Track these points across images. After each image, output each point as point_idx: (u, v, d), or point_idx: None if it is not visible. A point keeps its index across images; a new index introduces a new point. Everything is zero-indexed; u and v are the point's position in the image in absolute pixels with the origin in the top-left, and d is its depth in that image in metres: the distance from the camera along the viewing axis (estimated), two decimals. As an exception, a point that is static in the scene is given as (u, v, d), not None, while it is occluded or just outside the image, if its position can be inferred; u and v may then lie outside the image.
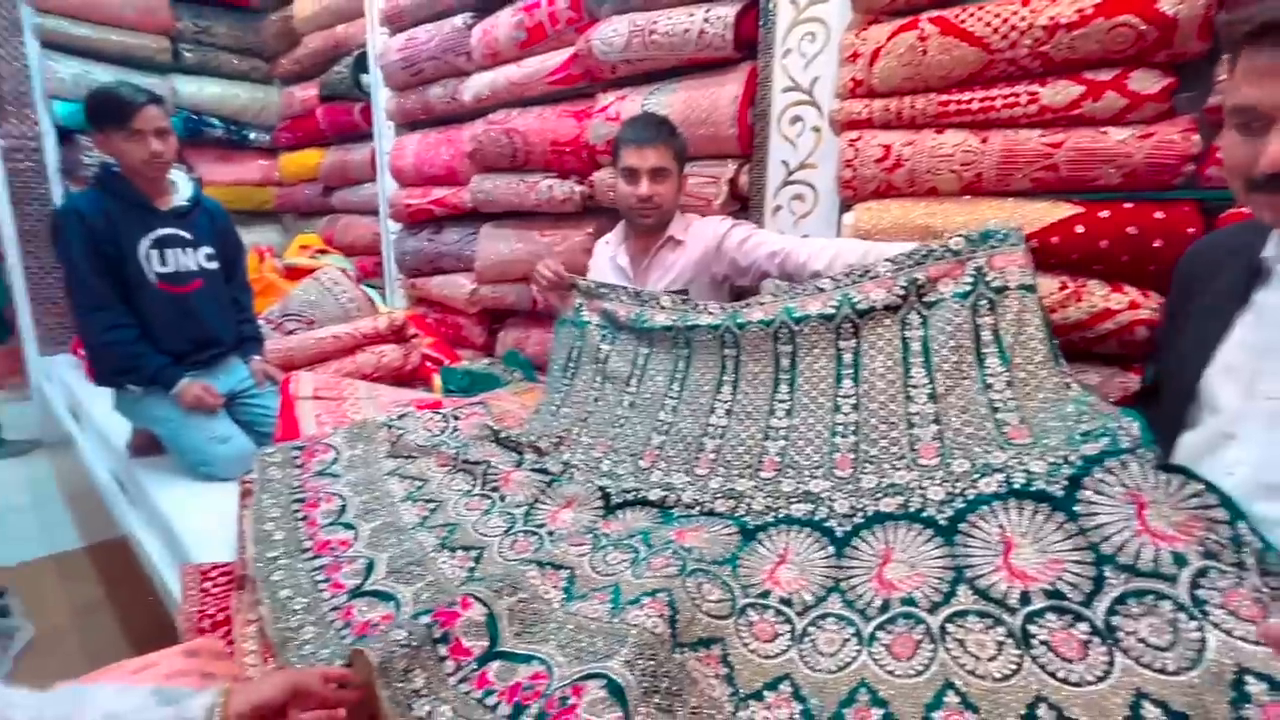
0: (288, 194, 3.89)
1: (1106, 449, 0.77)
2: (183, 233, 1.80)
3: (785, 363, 1.19)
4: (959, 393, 1.01)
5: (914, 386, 1.05)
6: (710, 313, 1.31)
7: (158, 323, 1.76)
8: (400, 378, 2.29)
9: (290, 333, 2.42)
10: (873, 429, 1.05)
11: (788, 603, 0.87)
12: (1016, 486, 0.82)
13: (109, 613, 1.93)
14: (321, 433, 1.53)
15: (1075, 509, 0.75)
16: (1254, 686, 0.58)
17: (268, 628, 0.95)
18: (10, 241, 3.21)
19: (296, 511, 1.21)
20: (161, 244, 1.76)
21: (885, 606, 0.81)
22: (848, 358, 1.13)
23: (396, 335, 2.35)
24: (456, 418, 1.56)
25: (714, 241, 1.55)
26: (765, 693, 0.76)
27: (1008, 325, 1.03)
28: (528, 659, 0.79)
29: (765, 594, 0.89)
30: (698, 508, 1.10)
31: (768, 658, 0.81)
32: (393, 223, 2.97)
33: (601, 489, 1.20)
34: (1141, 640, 0.65)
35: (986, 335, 1.04)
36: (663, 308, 1.41)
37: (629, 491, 1.18)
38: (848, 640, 0.80)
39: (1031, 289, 1.04)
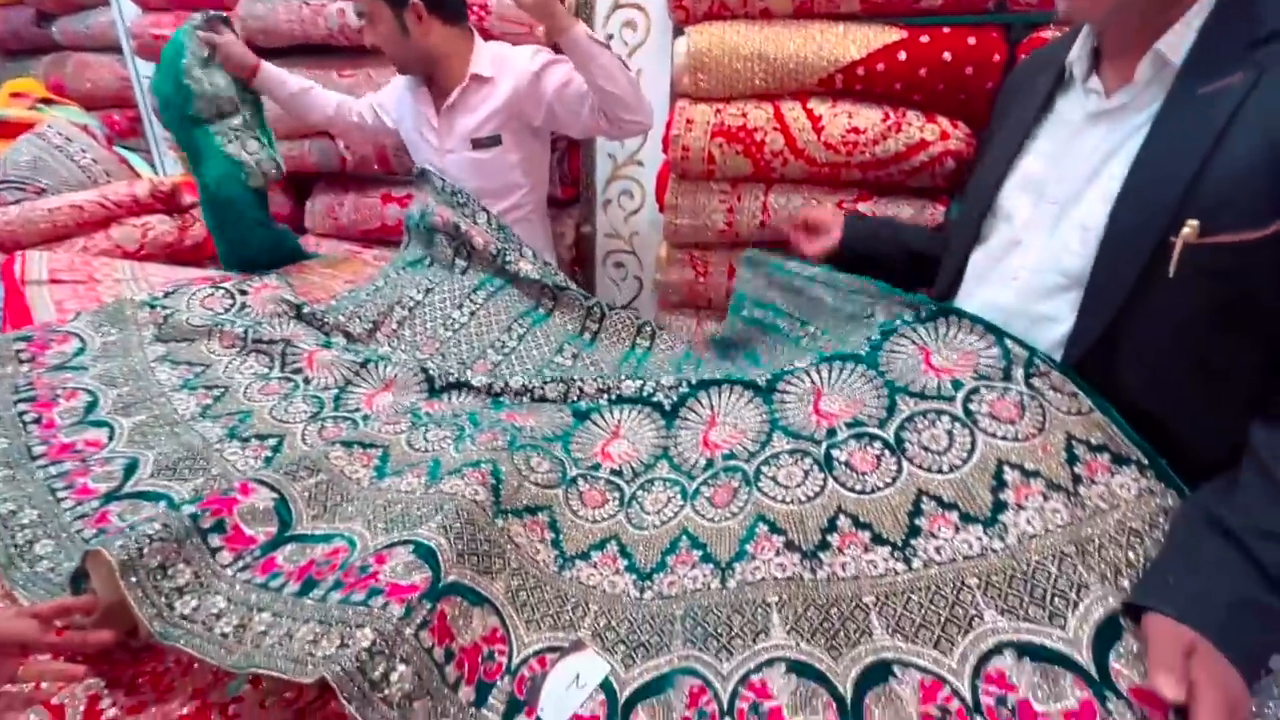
0: (-19, 23, 2.91)
1: (902, 319, 0.82)
2: None
3: (645, 343, 1.23)
4: None
5: None
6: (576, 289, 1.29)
7: None
8: (179, 256, 1.90)
9: (10, 204, 1.89)
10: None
11: (618, 473, 0.88)
12: (827, 355, 0.86)
13: None
14: (57, 320, 1.23)
15: (878, 362, 0.80)
16: (1010, 474, 0.67)
17: (-12, 550, 0.76)
18: None
19: (24, 414, 0.97)
20: None
21: (709, 465, 0.84)
22: None
23: (166, 203, 1.92)
24: (244, 292, 1.31)
25: (525, 80, 1.35)
26: (592, 553, 0.77)
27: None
28: (328, 538, 0.71)
29: (596, 466, 0.89)
30: (528, 395, 1.05)
31: (595, 522, 0.81)
32: (144, 63, 2.34)
33: (425, 370, 1.10)
34: (924, 448, 0.72)
35: None
36: (524, 258, 1.27)
37: (453, 375, 1.09)
38: (672, 498, 0.82)
39: None
